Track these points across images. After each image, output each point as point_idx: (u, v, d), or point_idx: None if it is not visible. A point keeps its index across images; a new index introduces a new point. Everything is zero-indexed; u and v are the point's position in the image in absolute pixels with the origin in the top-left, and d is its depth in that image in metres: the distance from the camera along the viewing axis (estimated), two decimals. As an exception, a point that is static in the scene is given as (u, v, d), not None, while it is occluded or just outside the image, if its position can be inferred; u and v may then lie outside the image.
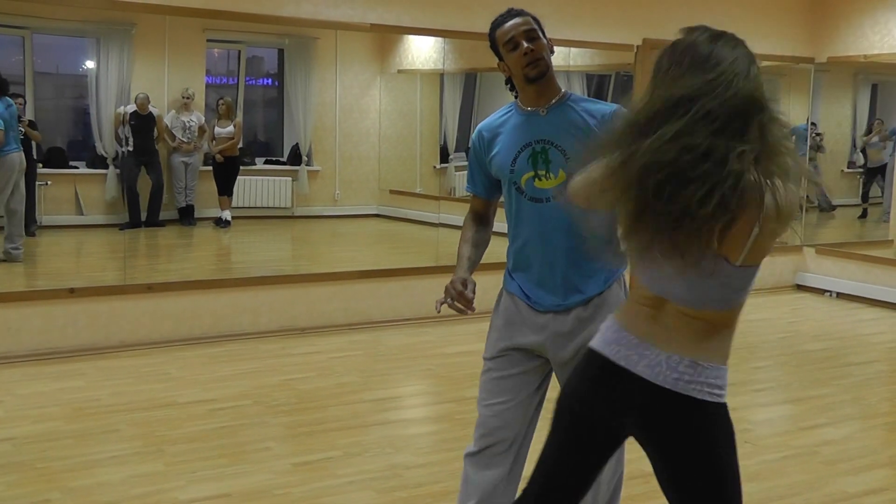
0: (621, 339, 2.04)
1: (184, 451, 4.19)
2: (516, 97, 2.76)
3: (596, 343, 2.09)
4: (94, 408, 4.77)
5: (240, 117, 8.72)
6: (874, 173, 9.68)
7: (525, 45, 2.61)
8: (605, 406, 2.06)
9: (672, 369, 1.99)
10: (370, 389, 5.26)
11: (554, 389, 2.35)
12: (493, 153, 2.74)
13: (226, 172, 8.29)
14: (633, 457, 4.20)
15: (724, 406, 2.05)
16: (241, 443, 4.33)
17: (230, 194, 8.29)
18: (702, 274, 1.92)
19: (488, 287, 3.18)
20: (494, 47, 2.70)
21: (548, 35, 2.73)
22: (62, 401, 4.87)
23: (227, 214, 8.32)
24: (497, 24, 2.66)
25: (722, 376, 2.04)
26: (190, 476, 3.90)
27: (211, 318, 6.22)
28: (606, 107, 2.68)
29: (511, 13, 2.67)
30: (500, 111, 2.80)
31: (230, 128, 8.26)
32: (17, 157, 6.68)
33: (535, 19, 2.68)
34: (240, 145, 8.69)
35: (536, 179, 2.65)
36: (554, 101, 2.69)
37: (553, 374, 2.80)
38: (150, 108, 7.77)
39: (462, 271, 2.75)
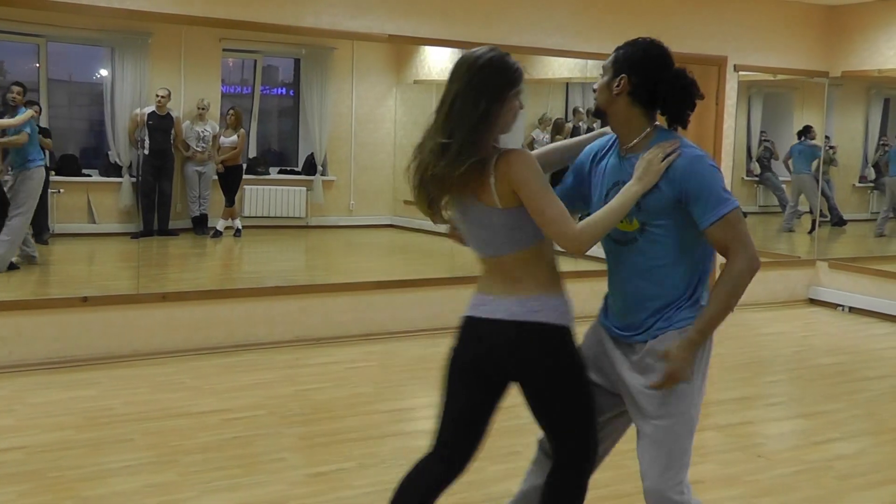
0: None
1: (198, 461, 4.18)
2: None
3: None
4: (107, 417, 4.77)
5: (254, 127, 8.74)
6: None
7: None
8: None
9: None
10: (385, 400, 5.25)
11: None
12: (591, 182, 2.77)
13: (226, 182, 8.31)
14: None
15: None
16: (256, 453, 4.32)
17: (230, 204, 8.30)
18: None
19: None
20: None
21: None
22: (75, 409, 4.87)
23: (237, 223, 8.34)
24: None
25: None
26: (204, 486, 3.89)
27: (226, 328, 6.23)
28: (685, 161, 2.57)
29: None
30: (607, 139, 2.80)
31: (234, 137, 8.29)
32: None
33: (617, 55, 2.73)
34: (253, 155, 8.70)
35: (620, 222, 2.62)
36: (634, 142, 2.65)
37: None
38: (169, 110, 7.77)
39: None
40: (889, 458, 4.65)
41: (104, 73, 8.21)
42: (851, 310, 8.42)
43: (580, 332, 2.73)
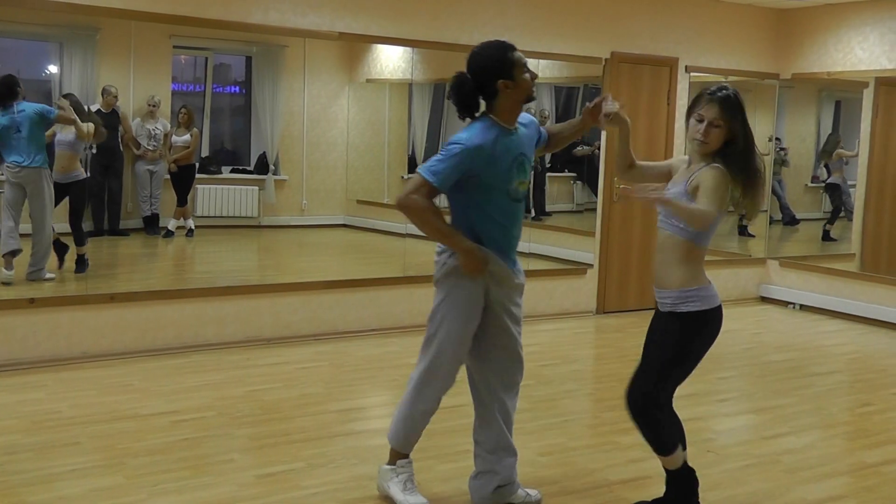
0: None
1: (146, 463, 4.14)
2: (488, 112, 3.48)
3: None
4: (54, 420, 4.70)
5: (206, 125, 8.64)
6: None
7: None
8: None
9: None
10: (335, 400, 5.23)
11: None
12: (492, 166, 3.40)
13: (179, 181, 8.21)
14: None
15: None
16: (204, 455, 4.27)
17: (182, 204, 8.20)
18: None
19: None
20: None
21: (519, 48, 3.46)
22: (21, 413, 4.78)
23: (190, 223, 8.24)
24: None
25: None
26: (152, 489, 3.85)
27: (175, 329, 6.15)
28: (526, 116, 3.65)
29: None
30: (483, 127, 3.44)
31: (186, 136, 8.19)
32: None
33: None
34: (205, 154, 8.60)
35: (520, 184, 3.52)
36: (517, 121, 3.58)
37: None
38: (115, 107, 7.63)
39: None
40: (836, 452, 4.74)
41: (53, 69, 8.05)
42: (802, 307, 8.56)
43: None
